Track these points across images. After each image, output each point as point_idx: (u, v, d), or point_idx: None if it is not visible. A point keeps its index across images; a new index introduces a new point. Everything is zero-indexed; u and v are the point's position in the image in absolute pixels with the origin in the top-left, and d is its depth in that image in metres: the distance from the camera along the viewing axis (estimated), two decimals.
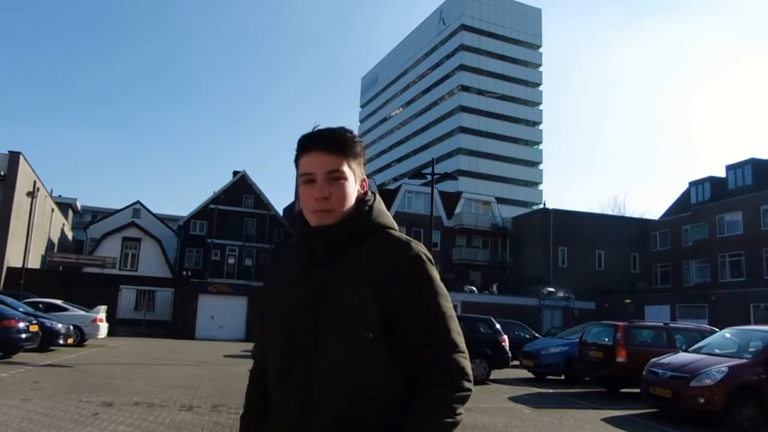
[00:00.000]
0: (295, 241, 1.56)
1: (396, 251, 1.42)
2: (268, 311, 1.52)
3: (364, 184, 1.52)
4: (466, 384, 1.36)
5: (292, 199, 52.91)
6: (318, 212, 1.44)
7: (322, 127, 1.50)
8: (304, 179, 1.45)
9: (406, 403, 1.36)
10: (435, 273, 1.44)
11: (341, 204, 1.44)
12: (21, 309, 15.41)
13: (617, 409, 10.60)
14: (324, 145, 1.45)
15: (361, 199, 1.50)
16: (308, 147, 1.46)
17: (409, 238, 1.47)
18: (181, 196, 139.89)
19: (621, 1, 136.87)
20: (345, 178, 1.45)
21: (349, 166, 1.47)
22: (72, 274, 32.95)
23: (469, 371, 1.39)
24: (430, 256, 1.47)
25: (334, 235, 1.43)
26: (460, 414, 1.33)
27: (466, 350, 1.41)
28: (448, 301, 1.43)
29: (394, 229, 1.51)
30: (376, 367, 1.35)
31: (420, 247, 1.45)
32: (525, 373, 16.15)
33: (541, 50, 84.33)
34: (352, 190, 1.47)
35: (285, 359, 1.41)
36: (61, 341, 16.41)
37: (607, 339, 13.21)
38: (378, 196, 1.55)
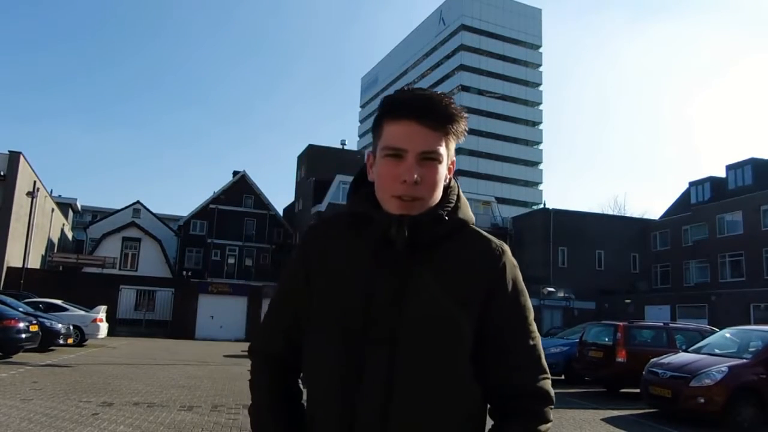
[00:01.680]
0: (349, 217, 1.25)
1: (493, 256, 1.22)
2: (317, 306, 1.21)
3: (452, 167, 1.26)
4: (551, 414, 1.23)
5: (292, 199, 52.87)
6: (403, 200, 1.17)
7: (416, 88, 1.21)
8: (389, 153, 1.17)
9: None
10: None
11: (431, 193, 1.19)
12: (21, 309, 15.41)
13: (617, 409, 10.59)
14: (424, 116, 1.16)
15: (447, 186, 1.25)
16: (402, 113, 1.16)
17: (499, 240, 1.26)
18: (181, 196, 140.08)
19: (621, 1, 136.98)
20: (440, 161, 1.18)
21: (447, 146, 1.19)
22: (72, 274, 32.94)
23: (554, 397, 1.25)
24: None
25: (426, 229, 1.17)
26: None
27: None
28: (533, 317, 1.26)
29: (474, 224, 1.29)
30: (463, 389, 1.15)
31: (510, 253, 1.26)
32: None
33: (541, 50, 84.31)
34: (443, 175, 1.21)
35: (350, 373, 1.12)
36: (61, 341, 16.40)
37: (607, 339, 13.20)
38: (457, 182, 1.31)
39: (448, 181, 1.25)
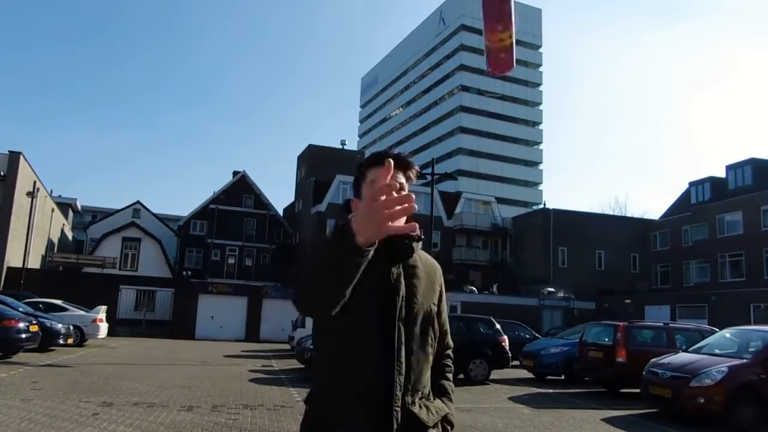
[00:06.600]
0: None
1: (439, 269, 1.88)
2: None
3: None
4: None
5: (292, 199, 52.89)
6: None
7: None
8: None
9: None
10: None
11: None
12: (21, 309, 15.41)
13: (617, 409, 10.59)
14: (395, 162, 1.65)
15: None
16: (381, 161, 1.66)
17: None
18: (181, 196, 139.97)
19: (621, 2, 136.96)
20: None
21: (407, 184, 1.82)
22: (72, 274, 32.97)
23: None
24: None
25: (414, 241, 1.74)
26: None
27: None
28: None
29: None
30: (432, 349, 1.81)
31: None
32: (525, 373, 16.14)
33: (541, 50, 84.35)
34: None
35: (380, 337, 1.63)
36: (61, 341, 16.41)
37: (607, 339, 13.20)
38: None
39: None
